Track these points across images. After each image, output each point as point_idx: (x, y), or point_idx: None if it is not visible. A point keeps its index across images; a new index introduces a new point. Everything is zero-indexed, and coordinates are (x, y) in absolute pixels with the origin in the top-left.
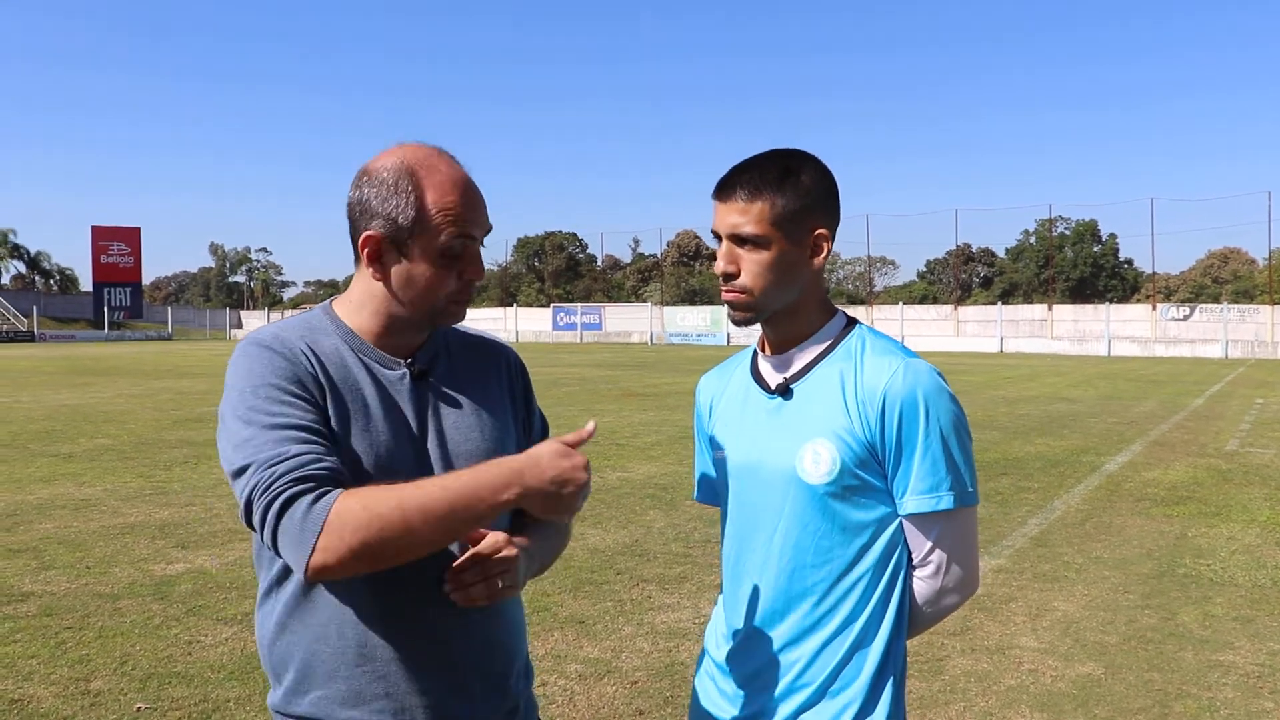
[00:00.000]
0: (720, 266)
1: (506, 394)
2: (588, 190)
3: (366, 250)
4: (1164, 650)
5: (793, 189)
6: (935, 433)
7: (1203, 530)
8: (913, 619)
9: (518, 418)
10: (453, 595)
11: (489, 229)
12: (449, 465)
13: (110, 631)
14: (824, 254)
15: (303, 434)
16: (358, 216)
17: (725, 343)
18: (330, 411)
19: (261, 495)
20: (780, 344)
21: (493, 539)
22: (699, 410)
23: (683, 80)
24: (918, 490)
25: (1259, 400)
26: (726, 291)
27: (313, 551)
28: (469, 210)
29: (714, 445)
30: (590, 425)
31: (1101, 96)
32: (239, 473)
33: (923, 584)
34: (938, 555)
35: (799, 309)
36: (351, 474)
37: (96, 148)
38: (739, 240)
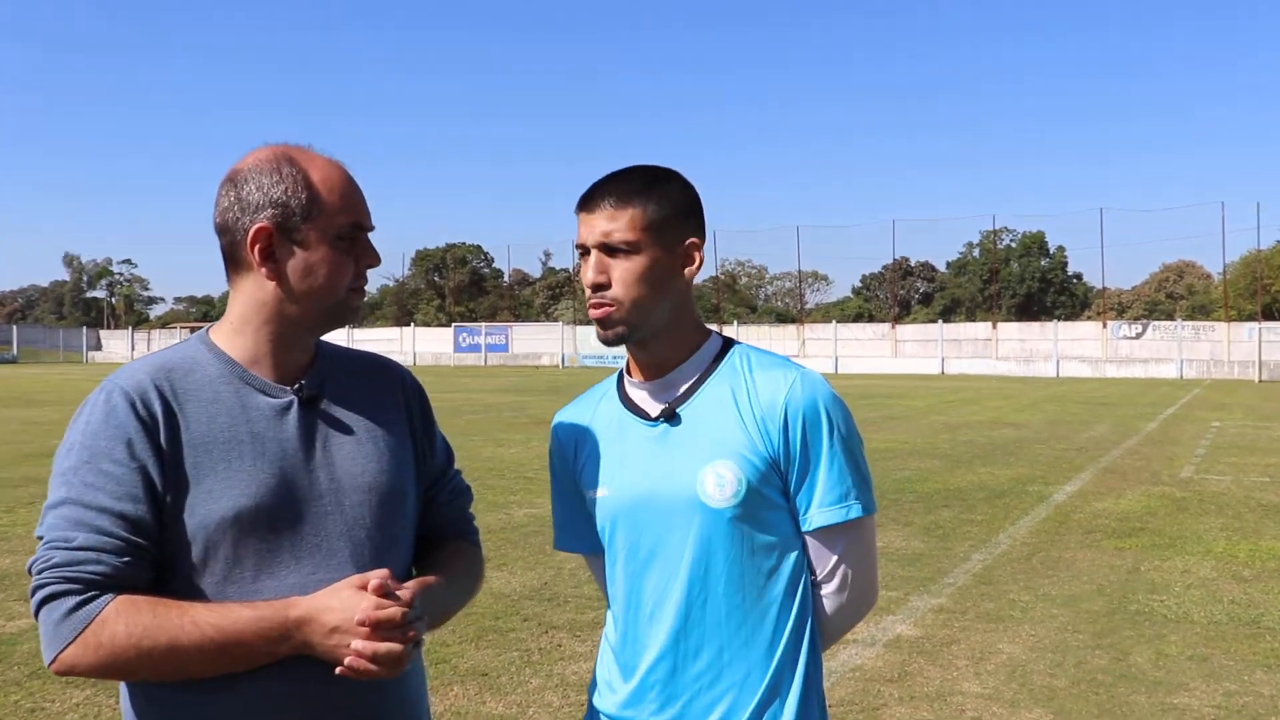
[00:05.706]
0: (590, 277)
1: (403, 418)
2: (493, 200)
3: (257, 247)
4: (1116, 693)
5: (661, 196)
6: (839, 441)
7: (1156, 564)
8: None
9: (416, 444)
10: (346, 667)
11: (373, 226)
12: (342, 497)
13: None
14: (696, 265)
15: (104, 517)
16: (235, 219)
17: None
18: (186, 460)
19: (35, 575)
20: (656, 368)
21: (372, 602)
22: (558, 452)
23: (593, 88)
24: (826, 501)
25: (1215, 423)
26: (596, 305)
27: (61, 652)
28: (357, 197)
29: (586, 486)
30: (381, 573)
31: (1048, 101)
32: (39, 535)
33: (829, 600)
34: (843, 570)
35: (673, 328)
36: (234, 514)
37: None
38: (609, 249)
